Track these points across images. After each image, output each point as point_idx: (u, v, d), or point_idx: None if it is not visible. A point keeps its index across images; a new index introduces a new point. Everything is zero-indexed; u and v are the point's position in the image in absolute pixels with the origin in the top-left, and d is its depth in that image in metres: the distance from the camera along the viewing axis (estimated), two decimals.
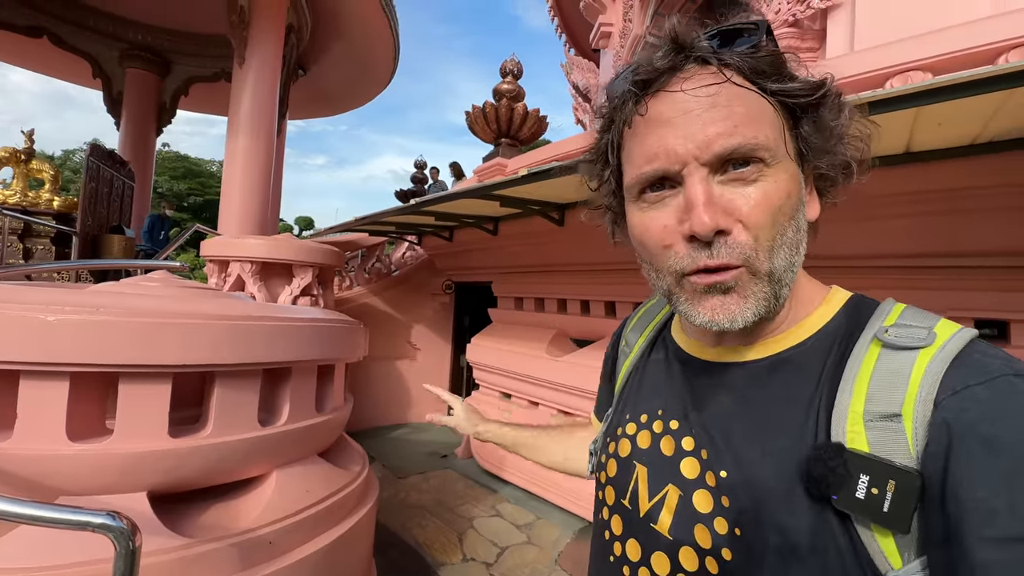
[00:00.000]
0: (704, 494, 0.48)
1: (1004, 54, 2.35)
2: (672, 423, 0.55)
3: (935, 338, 0.41)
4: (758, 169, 0.44)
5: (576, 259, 3.53)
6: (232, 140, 5.02)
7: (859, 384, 0.42)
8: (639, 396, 0.62)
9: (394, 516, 3.12)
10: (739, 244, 0.44)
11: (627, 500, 0.56)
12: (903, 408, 0.39)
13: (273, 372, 1.60)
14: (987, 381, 0.38)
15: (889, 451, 0.39)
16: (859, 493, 0.39)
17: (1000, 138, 1.69)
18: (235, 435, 1.45)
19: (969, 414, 0.37)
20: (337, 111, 9.26)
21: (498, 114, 5.08)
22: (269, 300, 3.63)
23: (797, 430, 0.44)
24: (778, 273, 0.46)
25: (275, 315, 1.56)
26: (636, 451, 0.57)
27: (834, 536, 0.40)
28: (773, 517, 0.43)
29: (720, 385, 0.52)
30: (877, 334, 0.44)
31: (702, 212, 0.43)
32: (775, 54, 0.47)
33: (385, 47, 6.92)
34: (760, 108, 0.45)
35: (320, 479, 1.70)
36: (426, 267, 5.69)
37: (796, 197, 0.47)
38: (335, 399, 1.87)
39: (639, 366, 0.66)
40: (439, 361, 5.72)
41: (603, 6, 6.98)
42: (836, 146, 0.49)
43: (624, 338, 0.72)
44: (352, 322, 1.94)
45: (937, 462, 0.37)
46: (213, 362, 1.36)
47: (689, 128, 0.44)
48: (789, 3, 4.28)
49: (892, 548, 0.39)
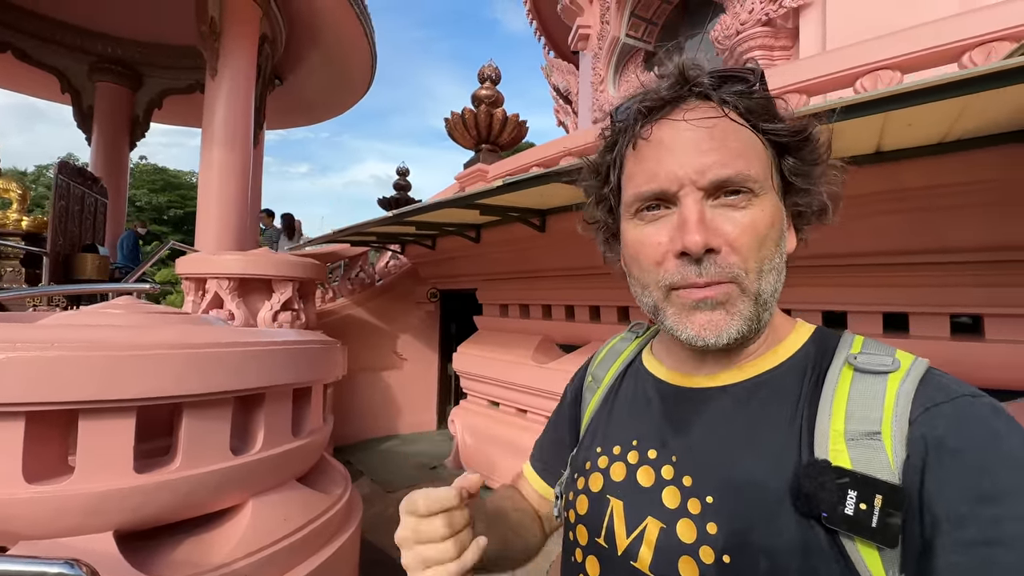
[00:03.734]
0: (688, 523, 0.47)
1: (968, 52, 2.39)
2: (650, 452, 0.54)
3: (899, 364, 0.45)
4: (747, 198, 0.48)
5: (559, 264, 3.52)
6: (207, 153, 4.92)
7: (837, 405, 0.44)
8: (609, 428, 0.61)
9: (383, 533, 3.06)
10: (728, 264, 0.47)
11: (602, 538, 0.53)
12: (882, 426, 0.42)
13: (245, 399, 1.55)
14: (951, 400, 0.42)
15: (871, 467, 0.41)
16: (848, 509, 0.40)
17: (968, 136, 1.71)
18: (206, 466, 1.40)
19: (938, 430, 0.40)
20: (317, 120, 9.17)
21: (477, 120, 5.06)
22: (248, 317, 3.56)
23: (781, 450, 0.46)
24: (764, 296, 0.49)
25: (245, 340, 1.51)
26: (609, 484, 0.55)
27: (823, 555, 0.41)
28: (762, 540, 0.43)
29: (701, 410, 0.53)
30: (848, 360, 0.47)
31: (694, 230, 0.46)
32: (767, 98, 0.51)
33: (362, 55, 6.86)
34: (752, 144, 0.49)
35: (298, 505, 1.66)
36: (410, 276, 5.64)
37: (779, 227, 0.50)
38: (313, 421, 1.83)
39: (608, 399, 0.65)
40: (426, 371, 5.66)
41: (580, 8, 7.01)
42: (814, 186, 0.53)
43: (590, 374, 0.71)
44: (329, 341, 1.90)
45: (915, 474, 0.40)
46: (179, 393, 1.32)
47: (688, 154, 0.48)
48: (762, 3, 4.34)
49: (878, 565, 0.40)
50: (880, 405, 0.43)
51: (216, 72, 4.98)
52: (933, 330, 2.08)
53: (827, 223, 0.56)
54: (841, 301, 2.24)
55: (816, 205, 0.54)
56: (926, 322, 2.13)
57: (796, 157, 0.52)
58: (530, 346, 3.82)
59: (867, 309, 2.21)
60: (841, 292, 2.23)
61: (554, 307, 3.84)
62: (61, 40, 6.89)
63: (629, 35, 6.37)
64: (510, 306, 4.30)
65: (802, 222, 0.56)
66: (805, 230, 0.57)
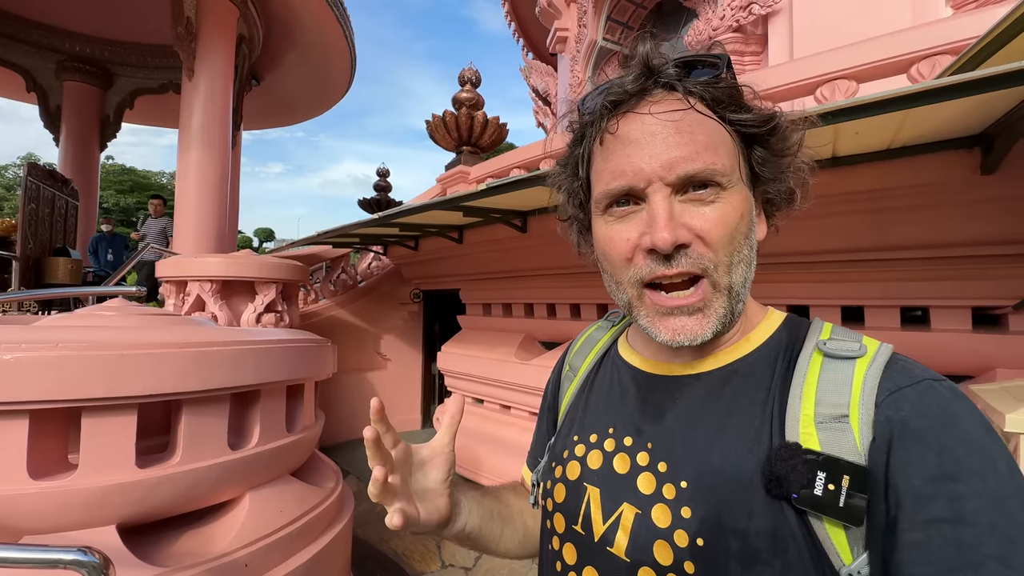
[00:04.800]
0: (663, 508, 0.48)
1: (915, 64, 2.59)
2: (625, 440, 0.54)
3: (866, 350, 0.47)
4: (715, 192, 0.48)
5: (540, 264, 3.62)
6: (184, 155, 4.87)
7: (807, 389, 0.46)
8: (586, 417, 0.61)
9: (372, 529, 3.12)
10: (699, 255, 0.47)
11: (579, 525, 0.54)
12: (849, 409, 0.43)
13: (242, 395, 1.60)
14: (914, 384, 0.43)
15: (839, 449, 0.42)
16: (817, 490, 0.41)
17: (911, 143, 1.88)
18: (205, 461, 1.45)
19: (902, 412, 0.42)
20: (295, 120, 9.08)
21: (458, 123, 5.13)
22: (232, 319, 3.56)
23: (753, 434, 0.47)
24: (736, 288, 0.49)
25: (241, 339, 1.57)
26: (586, 472, 0.56)
27: (794, 536, 0.42)
28: (735, 522, 0.44)
29: (676, 398, 0.53)
30: (818, 345, 0.49)
31: (663, 227, 0.46)
32: (733, 86, 0.51)
33: (341, 56, 6.85)
34: (719, 136, 0.49)
35: (293, 498, 1.72)
36: (393, 277, 5.67)
37: (748, 218, 0.50)
38: (306, 418, 1.89)
39: (585, 388, 0.65)
40: (410, 370, 5.70)
41: (558, 11, 7.13)
42: (783, 174, 0.53)
43: (567, 363, 0.72)
44: (320, 340, 1.96)
45: (881, 456, 0.41)
46: (180, 390, 1.37)
47: (655, 149, 0.47)
48: (733, 10, 4.53)
49: (844, 544, 0.41)
50: (848, 389, 0.44)
51: (193, 73, 4.93)
52: (886, 321, 2.26)
53: (796, 208, 0.56)
54: (804, 296, 2.40)
55: (785, 192, 0.55)
56: (880, 314, 2.31)
57: (764, 147, 0.52)
58: (513, 344, 3.92)
59: (827, 303, 2.37)
60: (804, 288, 2.40)
61: (536, 306, 3.94)
62: (26, 38, 6.68)
63: (606, 39, 6.52)
64: (493, 305, 4.38)
65: (772, 208, 0.56)
66: (776, 216, 0.57)
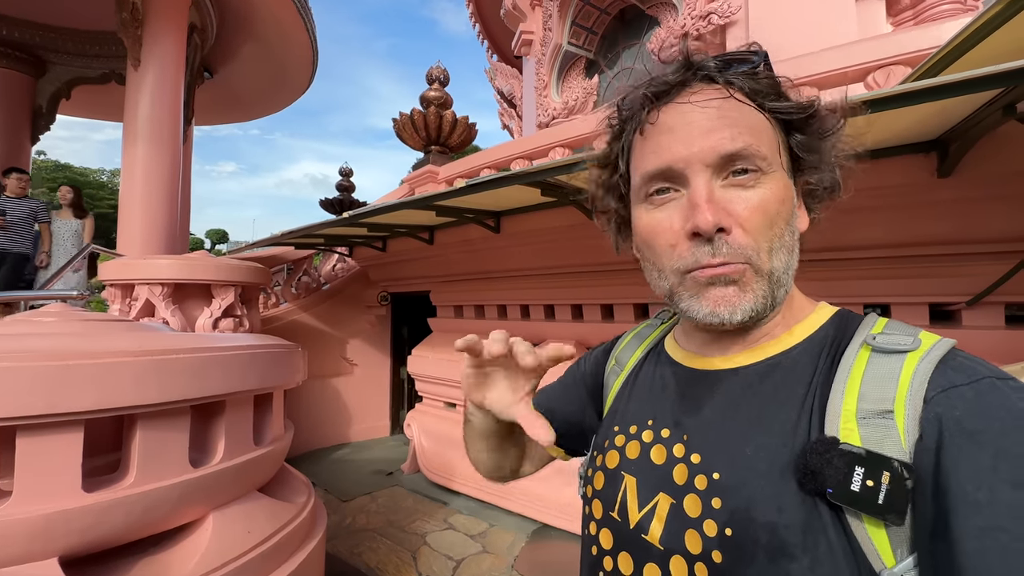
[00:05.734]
0: (694, 498, 0.48)
1: (871, 73, 2.73)
2: (663, 431, 0.55)
3: (920, 343, 0.44)
4: (755, 177, 0.48)
5: (514, 265, 3.58)
6: (130, 149, 4.53)
7: (851, 384, 0.44)
8: (628, 409, 0.62)
9: (343, 542, 2.98)
10: (739, 244, 0.47)
11: (616, 512, 0.55)
12: (895, 404, 0.41)
13: (204, 407, 1.47)
14: (973, 382, 0.40)
15: (881, 446, 0.40)
16: (854, 486, 0.39)
17: (878, 147, 1.96)
18: (163, 480, 1.32)
19: (957, 411, 0.39)
20: (252, 116, 8.67)
21: (426, 121, 5.03)
22: (185, 325, 3.32)
23: (790, 428, 0.46)
24: (777, 274, 0.49)
25: (204, 345, 1.44)
26: (624, 462, 0.57)
27: (825, 531, 0.41)
28: (764, 515, 0.43)
29: (714, 390, 0.54)
30: (866, 340, 0.47)
31: (705, 209, 0.47)
32: (772, 77, 0.51)
33: (301, 49, 6.58)
34: (759, 122, 0.50)
35: (262, 516, 1.59)
36: (359, 279, 5.49)
37: (790, 205, 0.50)
38: (274, 429, 1.76)
39: (629, 382, 0.66)
40: (378, 375, 5.53)
41: (523, 14, 7.13)
42: (823, 163, 0.53)
43: (614, 357, 0.73)
44: (289, 345, 1.84)
45: (929, 455, 0.39)
46: (135, 403, 1.23)
47: (694, 133, 0.48)
48: (693, 19, 4.67)
49: (885, 545, 0.39)
50: (895, 384, 0.42)
51: (139, 62, 4.60)
52: None
53: (838, 198, 0.56)
54: None
55: (827, 182, 0.54)
56: None
57: (804, 133, 0.52)
58: None
59: None
60: None
61: (509, 307, 3.90)
62: None
63: (571, 43, 6.58)
64: (465, 307, 4.30)
65: (813, 200, 0.56)
66: (817, 208, 0.57)
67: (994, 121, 1.61)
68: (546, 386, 0.79)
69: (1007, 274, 1.89)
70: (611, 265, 3.01)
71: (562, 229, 3.02)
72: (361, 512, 3.45)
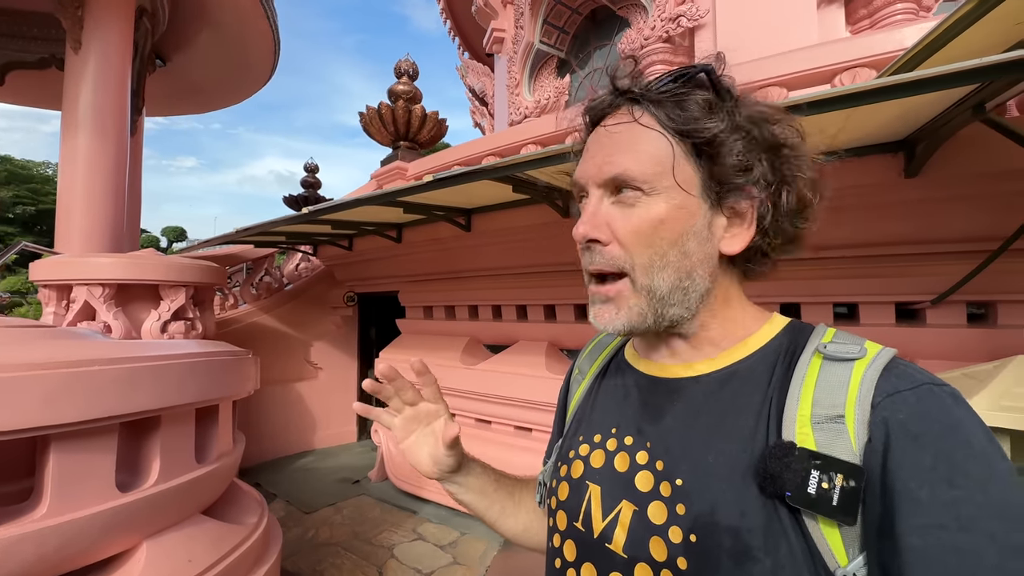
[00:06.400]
0: (659, 505, 0.49)
1: (838, 75, 2.76)
2: (626, 439, 0.56)
3: (866, 352, 0.47)
4: (636, 196, 0.51)
5: (486, 264, 3.49)
6: (69, 140, 4.19)
7: (805, 391, 0.46)
8: (592, 418, 0.63)
9: (304, 558, 2.81)
10: (612, 255, 0.52)
11: (580, 522, 0.55)
12: (845, 409, 0.43)
13: (136, 424, 1.31)
14: (914, 388, 0.43)
15: (834, 449, 0.42)
16: (811, 488, 0.41)
17: (848, 146, 1.96)
18: (83, 509, 1.16)
19: (900, 415, 0.42)
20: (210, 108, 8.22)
21: (395, 116, 4.87)
22: (130, 329, 3.08)
23: (749, 434, 0.47)
24: (660, 292, 0.51)
25: (134, 354, 1.28)
26: (589, 471, 0.57)
27: (786, 534, 0.42)
28: (727, 519, 0.44)
29: (675, 399, 0.55)
30: (818, 348, 0.49)
31: (581, 221, 0.53)
32: (684, 97, 0.52)
33: (262, 38, 6.28)
34: (652, 147, 0.51)
35: (206, 542, 1.44)
36: (324, 279, 5.27)
37: (678, 226, 0.51)
38: (221, 444, 1.61)
39: (592, 390, 0.67)
40: (344, 379, 5.33)
41: (495, 11, 7.04)
42: (743, 184, 0.51)
43: (577, 366, 0.73)
44: (238, 352, 1.68)
45: (877, 456, 0.41)
46: (45, 424, 1.07)
47: (596, 157, 0.54)
48: (663, 21, 4.68)
49: (839, 544, 0.41)
50: (845, 390, 0.44)
51: (80, 45, 4.26)
52: (819, 317, 2.36)
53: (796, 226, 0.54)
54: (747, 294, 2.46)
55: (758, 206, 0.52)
56: (813, 311, 2.42)
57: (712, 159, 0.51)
58: (458, 348, 3.75)
59: (763, 300, 2.45)
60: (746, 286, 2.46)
61: (481, 307, 3.80)
62: None
63: (543, 42, 6.53)
64: (435, 308, 4.18)
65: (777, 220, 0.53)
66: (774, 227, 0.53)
67: (962, 121, 1.62)
68: None
69: (970, 274, 1.92)
70: None
71: (535, 227, 2.94)
72: (325, 524, 3.28)
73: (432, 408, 0.66)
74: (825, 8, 4.10)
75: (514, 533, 0.75)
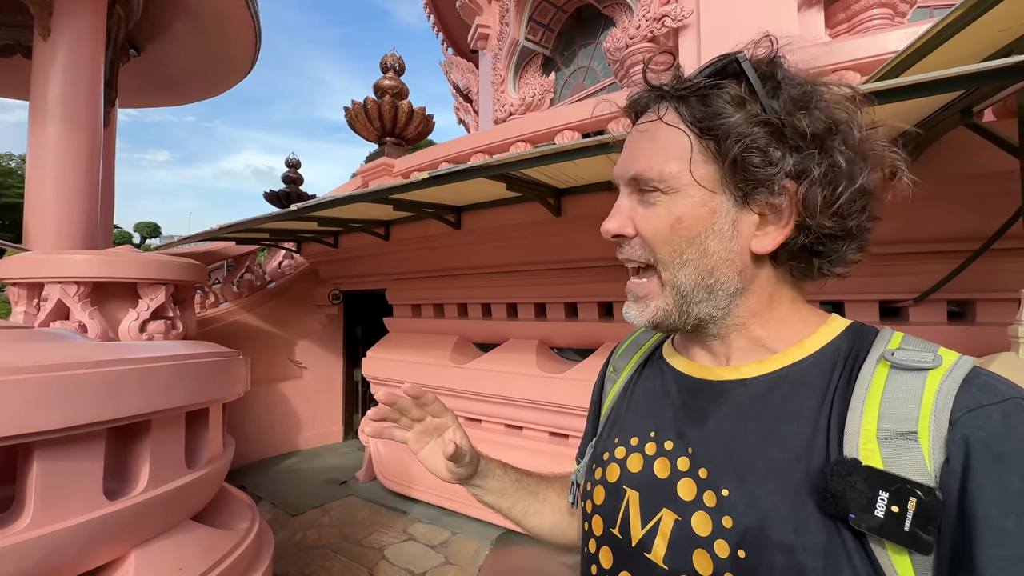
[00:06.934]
0: (703, 516, 0.47)
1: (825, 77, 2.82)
2: (666, 444, 0.54)
3: (942, 361, 0.42)
4: (656, 195, 0.51)
5: (475, 262, 3.46)
6: (38, 131, 4.02)
7: (870, 402, 0.42)
8: (627, 419, 0.61)
9: (292, 561, 2.75)
10: (637, 246, 0.53)
11: (617, 529, 0.53)
12: (918, 425, 0.39)
13: (124, 429, 1.26)
14: (999, 402, 0.39)
15: (905, 469, 0.38)
16: (878, 511, 0.38)
17: None
18: (68, 519, 1.11)
19: (983, 432, 0.38)
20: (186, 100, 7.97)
21: (381, 111, 4.80)
22: (107, 329, 2.97)
23: (804, 445, 0.44)
24: (684, 289, 0.51)
25: (122, 356, 1.23)
26: (626, 475, 0.55)
27: (849, 557, 0.39)
28: (779, 535, 0.41)
29: (720, 403, 0.52)
30: (884, 355, 0.45)
31: (610, 217, 0.55)
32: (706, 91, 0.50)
33: (243, 29, 6.10)
34: (675, 146, 0.50)
35: (196, 550, 1.40)
36: (308, 276, 5.17)
37: (697, 224, 0.50)
38: (211, 449, 1.56)
39: (627, 389, 0.65)
40: (330, 378, 5.24)
41: (479, 7, 6.99)
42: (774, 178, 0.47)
43: (611, 365, 0.72)
44: (229, 353, 1.64)
45: (955, 479, 0.37)
46: (29, 431, 1.02)
47: (626, 156, 0.55)
48: (647, 21, 4.71)
49: (908, 571, 0.38)
50: (917, 403, 0.40)
51: (48, 32, 4.08)
52: None
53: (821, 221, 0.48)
54: None
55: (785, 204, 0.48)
56: None
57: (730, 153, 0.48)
58: (447, 346, 3.72)
59: None
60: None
61: (470, 306, 3.78)
62: None
63: (528, 39, 6.51)
64: (423, 306, 4.14)
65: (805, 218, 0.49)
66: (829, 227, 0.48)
67: (949, 124, 1.67)
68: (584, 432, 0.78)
69: (952, 273, 1.98)
70: (575, 263, 2.96)
71: (526, 225, 2.93)
72: (313, 527, 3.23)
73: (439, 422, 0.67)
74: (805, 11, 4.18)
75: (540, 531, 0.74)
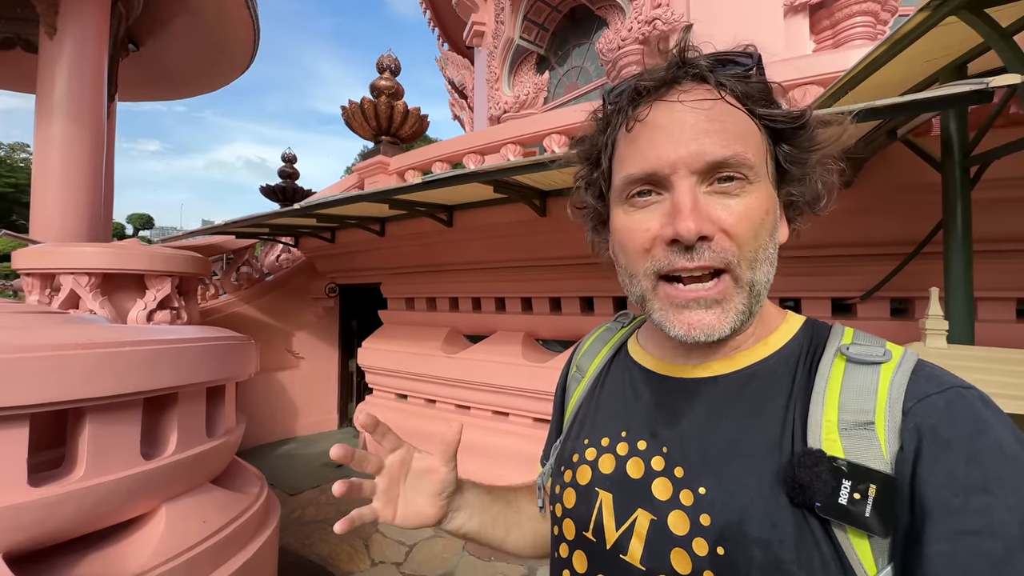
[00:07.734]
0: (680, 515, 0.46)
1: (791, 91, 3.03)
2: (639, 444, 0.53)
3: (891, 355, 0.45)
4: (740, 185, 0.46)
5: (466, 258, 3.66)
6: (44, 127, 4.15)
7: (830, 395, 0.44)
8: (596, 419, 0.59)
9: (292, 535, 2.96)
10: (722, 248, 0.45)
11: (590, 532, 0.52)
12: (875, 416, 0.42)
13: (157, 399, 1.46)
14: (942, 391, 0.42)
15: (865, 457, 0.41)
16: (842, 499, 0.39)
17: None
18: (114, 474, 1.31)
19: (931, 419, 0.40)
20: (183, 95, 8.06)
21: (377, 111, 4.96)
22: (115, 317, 3.14)
23: (775, 441, 0.45)
24: (758, 287, 0.48)
25: (157, 338, 1.43)
26: (598, 477, 0.54)
27: (818, 545, 0.40)
28: (757, 531, 0.42)
29: (692, 400, 0.52)
30: (840, 350, 0.47)
31: (687, 216, 0.44)
32: (764, 82, 0.49)
33: (241, 26, 6.22)
34: (748, 128, 0.47)
35: (216, 507, 1.60)
36: (305, 270, 5.34)
37: (773, 216, 0.49)
38: (227, 421, 1.76)
39: (595, 389, 0.63)
40: (326, 368, 5.44)
41: (475, 4, 7.11)
42: (807, 175, 0.51)
43: (575, 364, 0.69)
44: (242, 338, 1.83)
45: (907, 464, 0.40)
46: (85, 396, 1.22)
47: (683, 136, 0.46)
48: (639, 23, 4.89)
49: (868, 554, 0.40)
50: (874, 396, 0.43)
51: (55, 31, 4.20)
52: None
53: (819, 213, 0.54)
54: None
55: (809, 195, 0.52)
56: None
57: (792, 144, 0.50)
58: (439, 337, 3.92)
59: None
60: None
61: (461, 299, 3.97)
62: None
63: (523, 38, 6.66)
64: (416, 299, 4.33)
65: (794, 212, 0.54)
66: (798, 220, 0.55)
67: (881, 143, 1.89)
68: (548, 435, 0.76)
69: (889, 274, 2.22)
70: (559, 260, 3.17)
71: (514, 224, 3.13)
72: (311, 505, 3.44)
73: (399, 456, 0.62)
74: (791, 18, 4.34)
75: (523, 545, 0.69)
